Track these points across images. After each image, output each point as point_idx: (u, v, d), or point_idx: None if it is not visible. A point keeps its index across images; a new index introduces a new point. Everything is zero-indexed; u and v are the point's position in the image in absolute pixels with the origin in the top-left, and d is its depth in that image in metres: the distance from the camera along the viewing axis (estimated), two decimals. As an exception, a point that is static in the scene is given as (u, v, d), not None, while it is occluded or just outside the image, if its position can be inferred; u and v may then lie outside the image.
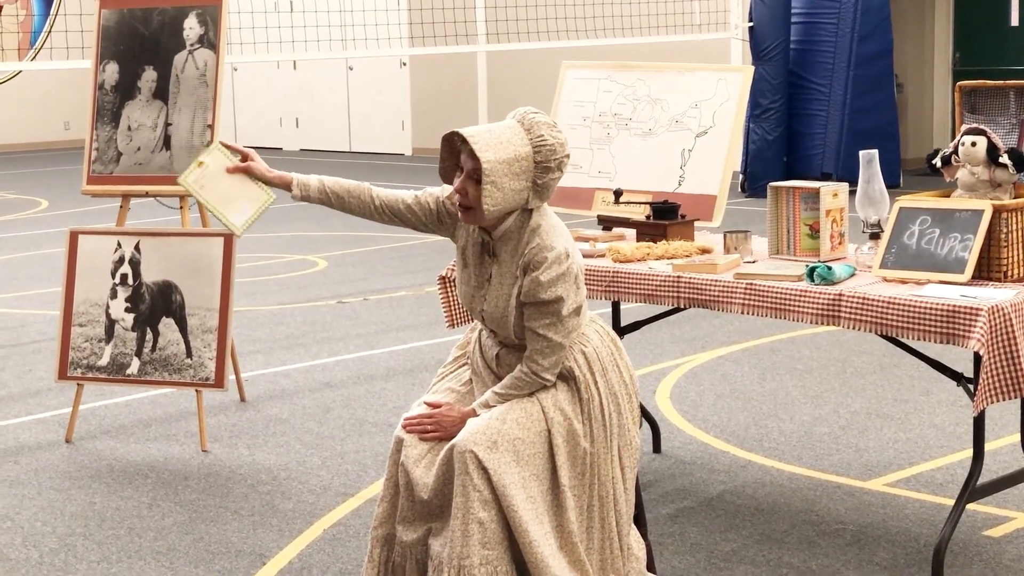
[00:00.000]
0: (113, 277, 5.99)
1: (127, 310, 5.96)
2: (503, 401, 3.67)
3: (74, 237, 6.10)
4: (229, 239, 5.87)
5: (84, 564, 4.59)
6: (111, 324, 5.98)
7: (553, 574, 3.54)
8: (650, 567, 3.94)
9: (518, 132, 3.58)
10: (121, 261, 5.98)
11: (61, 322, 6.05)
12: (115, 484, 5.39)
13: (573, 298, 3.62)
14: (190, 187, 3.90)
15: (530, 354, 3.64)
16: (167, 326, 5.91)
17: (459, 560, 3.53)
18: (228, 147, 3.91)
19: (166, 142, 6.07)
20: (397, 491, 3.74)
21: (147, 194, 6.13)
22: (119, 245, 6.00)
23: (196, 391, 5.87)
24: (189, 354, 5.86)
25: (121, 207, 6.21)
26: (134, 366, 5.94)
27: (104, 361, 5.97)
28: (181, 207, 6.12)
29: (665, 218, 4.94)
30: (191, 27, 6.08)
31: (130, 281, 5.97)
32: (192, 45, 6.07)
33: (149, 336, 5.93)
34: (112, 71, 6.19)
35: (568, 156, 3.63)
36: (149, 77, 6.12)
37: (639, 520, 3.94)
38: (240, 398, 6.55)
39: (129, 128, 6.13)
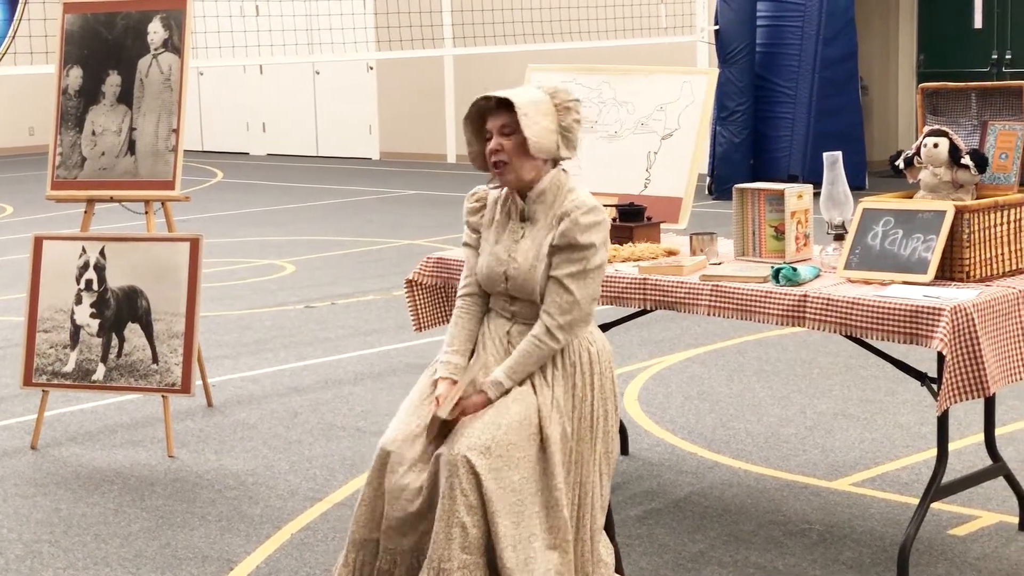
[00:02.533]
0: (78, 283, 5.96)
1: (92, 316, 5.94)
2: (513, 379, 3.66)
3: (39, 243, 6.07)
4: (195, 243, 5.85)
5: (50, 571, 4.57)
6: (76, 330, 5.95)
7: None
8: (618, 568, 3.95)
9: (530, 88, 3.78)
10: (86, 266, 5.96)
11: (26, 328, 6.02)
12: (81, 491, 5.37)
13: (602, 253, 3.69)
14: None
15: (547, 307, 3.67)
16: (133, 331, 5.88)
17: (439, 562, 3.54)
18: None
19: (131, 147, 6.05)
20: (377, 496, 3.72)
21: (112, 199, 6.11)
22: (84, 250, 5.98)
23: (162, 397, 5.85)
24: (155, 359, 5.83)
25: (86, 212, 6.18)
26: (100, 372, 5.91)
27: (69, 367, 5.94)
28: (146, 212, 6.10)
29: (631, 220, 4.95)
30: (155, 31, 6.06)
31: (95, 287, 5.94)
32: (156, 49, 6.05)
33: (115, 342, 5.90)
34: (76, 76, 6.17)
35: (579, 100, 3.77)
36: (113, 82, 6.10)
37: (607, 522, 3.95)
38: (207, 403, 6.53)
39: (93, 133, 6.11)
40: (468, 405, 3.67)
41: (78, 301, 5.96)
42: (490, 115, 3.74)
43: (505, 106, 3.69)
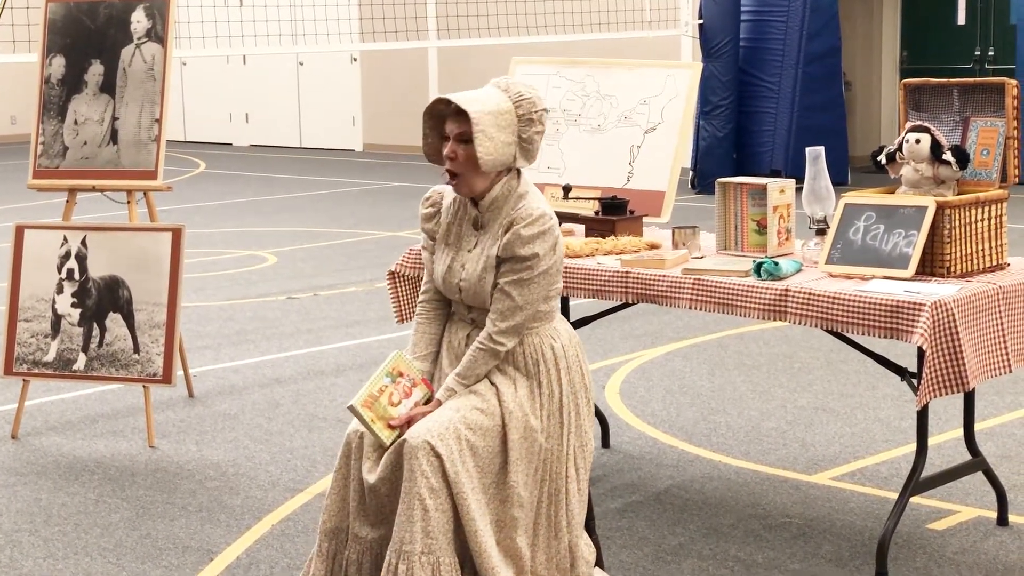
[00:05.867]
0: (59, 272, 5.95)
1: (73, 305, 5.92)
2: (465, 384, 3.68)
3: (20, 231, 6.05)
4: (177, 233, 5.84)
5: (30, 560, 4.56)
6: (57, 319, 5.94)
7: (492, 564, 3.57)
8: (598, 562, 3.95)
9: (496, 92, 3.70)
10: (68, 256, 5.94)
11: (7, 317, 6.00)
12: (61, 480, 5.36)
13: (548, 261, 3.65)
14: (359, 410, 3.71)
15: (491, 312, 3.67)
16: (114, 321, 5.87)
17: (401, 544, 3.55)
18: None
19: (113, 136, 6.03)
20: (346, 484, 3.74)
21: (93, 188, 6.09)
22: (65, 240, 5.96)
23: (144, 387, 5.84)
24: (136, 350, 5.83)
25: (67, 201, 6.16)
26: (80, 362, 5.90)
27: (50, 357, 5.93)
28: (128, 201, 6.09)
29: (614, 214, 4.96)
30: (138, 20, 6.04)
31: (77, 276, 5.93)
32: (139, 39, 6.04)
33: (96, 331, 5.89)
34: (58, 65, 6.14)
35: (546, 110, 3.72)
36: (96, 71, 6.08)
37: (587, 515, 3.95)
38: (188, 394, 6.52)
39: (76, 122, 6.09)
40: (417, 415, 3.68)
41: (59, 290, 5.95)
42: (449, 117, 3.67)
43: (465, 112, 3.62)
